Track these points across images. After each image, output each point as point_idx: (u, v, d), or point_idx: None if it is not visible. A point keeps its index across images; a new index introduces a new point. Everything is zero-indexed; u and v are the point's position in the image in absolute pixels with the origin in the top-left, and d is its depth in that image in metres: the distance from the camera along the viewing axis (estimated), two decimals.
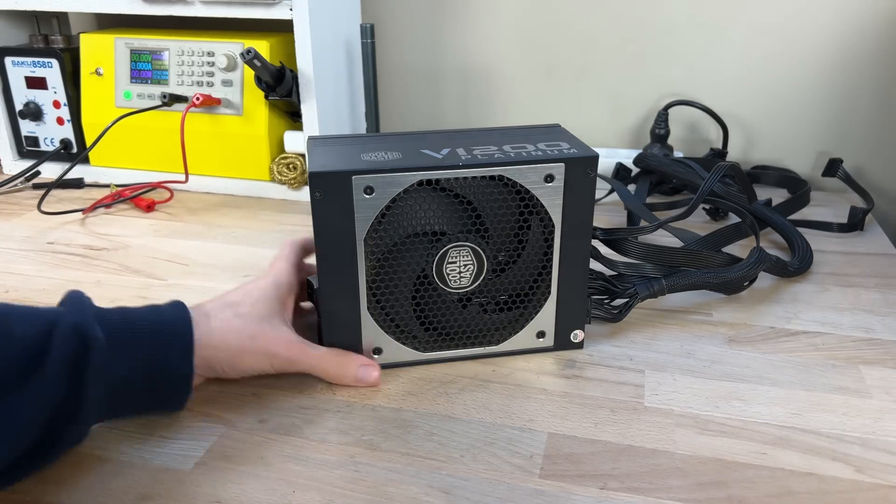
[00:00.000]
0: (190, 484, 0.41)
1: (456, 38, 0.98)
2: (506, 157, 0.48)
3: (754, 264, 0.60)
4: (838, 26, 0.86)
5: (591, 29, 0.93)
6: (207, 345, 0.45)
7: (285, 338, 0.48)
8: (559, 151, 0.49)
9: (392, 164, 0.46)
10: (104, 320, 0.41)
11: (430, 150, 0.49)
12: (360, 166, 0.46)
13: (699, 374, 0.51)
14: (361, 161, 0.47)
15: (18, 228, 0.78)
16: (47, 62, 0.89)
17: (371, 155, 0.48)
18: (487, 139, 0.52)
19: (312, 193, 0.45)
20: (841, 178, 0.82)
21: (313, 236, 0.47)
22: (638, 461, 0.43)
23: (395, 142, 0.51)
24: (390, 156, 0.48)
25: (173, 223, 0.80)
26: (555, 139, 0.52)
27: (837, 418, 0.47)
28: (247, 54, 0.75)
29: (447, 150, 0.49)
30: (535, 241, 0.50)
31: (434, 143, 0.50)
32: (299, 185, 0.86)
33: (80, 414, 0.39)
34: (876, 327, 0.58)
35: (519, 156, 0.48)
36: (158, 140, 0.88)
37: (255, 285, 0.50)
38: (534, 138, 0.52)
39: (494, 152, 0.48)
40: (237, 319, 0.47)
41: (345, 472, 0.42)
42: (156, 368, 0.42)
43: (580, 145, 0.50)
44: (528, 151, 0.49)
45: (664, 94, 0.93)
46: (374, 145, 0.50)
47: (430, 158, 0.48)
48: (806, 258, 0.67)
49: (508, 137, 0.52)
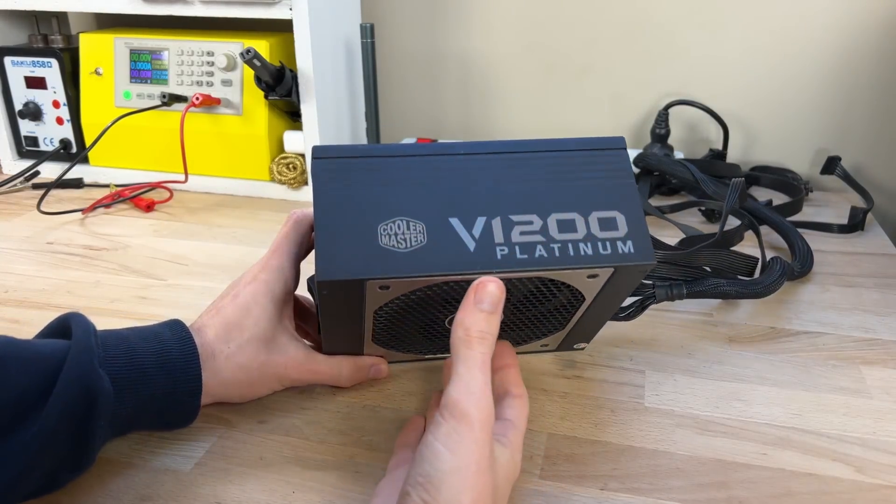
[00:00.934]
0: (190, 484, 0.41)
1: (456, 38, 0.98)
2: (549, 253, 0.38)
3: (780, 276, 0.59)
4: (839, 26, 0.86)
5: (592, 28, 0.93)
6: (216, 385, 0.43)
7: (294, 359, 0.46)
8: (613, 249, 0.39)
9: (414, 259, 0.38)
10: (110, 366, 0.39)
11: (461, 223, 0.39)
12: (375, 264, 0.37)
13: (699, 375, 0.51)
14: (377, 249, 0.38)
15: (18, 228, 0.78)
16: (47, 62, 0.89)
17: (390, 230, 0.38)
18: (530, 196, 0.40)
19: (319, 291, 0.38)
20: (839, 175, 0.82)
21: (315, 302, 0.43)
22: (638, 462, 0.43)
23: (416, 190, 0.39)
24: (412, 235, 0.38)
25: (173, 223, 0.80)
26: (613, 207, 0.40)
27: (838, 419, 0.47)
28: (246, 54, 0.75)
29: (482, 225, 0.39)
30: (557, 306, 0.45)
31: (466, 200, 0.39)
32: (299, 184, 0.86)
33: (84, 460, 0.38)
34: (876, 327, 0.58)
35: (564, 252, 0.39)
36: (158, 140, 0.88)
37: (252, 297, 0.45)
38: (589, 200, 0.40)
39: (537, 240, 0.39)
40: (241, 353, 0.44)
41: (345, 472, 0.42)
42: (163, 407, 0.41)
43: (640, 232, 0.40)
44: (577, 243, 0.39)
45: (664, 94, 0.93)
46: (392, 202, 0.39)
47: (460, 250, 0.38)
48: (807, 260, 0.67)
49: (557, 192, 0.40)
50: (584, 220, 0.39)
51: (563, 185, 0.40)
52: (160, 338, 0.42)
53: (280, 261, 0.46)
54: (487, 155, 0.41)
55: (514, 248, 0.38)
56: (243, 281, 0.46)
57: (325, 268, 0.37)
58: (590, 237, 0.39)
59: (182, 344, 0.42)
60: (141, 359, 0.40)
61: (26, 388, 0.36)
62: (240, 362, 0.44)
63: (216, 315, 0.45)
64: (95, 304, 0.61)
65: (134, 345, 0.40)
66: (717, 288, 0.57)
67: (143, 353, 0.40)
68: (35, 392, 0.36)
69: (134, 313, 0.60)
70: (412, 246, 0.38)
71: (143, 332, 0.42)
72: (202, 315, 0.45)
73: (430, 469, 0.32)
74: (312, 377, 0.47)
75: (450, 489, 0.31)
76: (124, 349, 0.40)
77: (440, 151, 0.40)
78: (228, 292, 0.46)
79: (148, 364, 0.40)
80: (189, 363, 0.41)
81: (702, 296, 0.57)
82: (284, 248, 0.46)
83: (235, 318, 0.44)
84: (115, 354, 0.39)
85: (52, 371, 0.37)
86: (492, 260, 0.38)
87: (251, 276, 0.46)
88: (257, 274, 0.46)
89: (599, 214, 0.40)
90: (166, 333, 0.42)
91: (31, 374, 0.36)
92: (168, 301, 0.62)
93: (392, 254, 0.37)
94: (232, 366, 0.44)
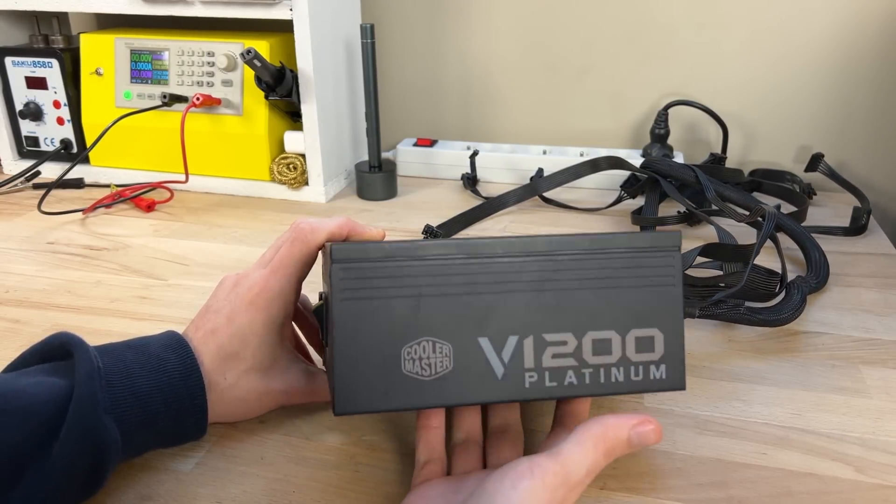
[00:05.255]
0: (190, 484, 0.41)
1: (456, 37, 0.98)
2: (579, 381, 0.37)
3: (800, 305, 0.57)
4: (839, 26, 0.86)
5: (592, 28, 0.93)
6: (213, 414, 0.42)
7: (293, 386, 0.44)
8: (645, 374, 0.38)
9: (438, 389, 0.36)
10: (116, 409, 0.37)
11: (491, 344, 0.36)
12: (397, 396, 0.36)
13: (699, 374, 0.51)
14: (399, 377, 0.36)
15: (18, 228, 0.78)
16: (47, 62, 0.89)
17: (414, 353, 0.36)
18: (568, 308, 0.37)
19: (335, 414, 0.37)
20: (824, 173, 0.82)
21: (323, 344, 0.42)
22: (638, 461, 0.43)
23: (445, 304, 0.36)
24: (437, 359, 0.36)
25: (173, 223, 0.80)
26: (653, 324, 0.38)
27: (837, 418, 0.47)
28: (247, 54, 0.75)
29: (513, 347, 0.36)
30: None
31: (498, 316, 0.37)
32: (299, 185, 0.86)
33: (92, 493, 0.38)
34: (876, 327, 0.58)
35: (594, 380, 0.37)
36: (158, 140, 0.88)
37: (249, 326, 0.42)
38: (630, 314, 0.38)
39: (569, 365, 0.37)
40: (239, 386, 0.42)
41: (345, 472, 0.42)
42: (167, 438, 0.41)
43: (675, 356, 0.38)
44: (609, 368, 0.37)
45: (664, 94, 0.93)
46: (418, 319, 0.36)
47: (487, 377, 0.36)
48: (822, 272, 0.64)
49: (597, 303, 0.37)
50: (620, 340, 0.37)
51: (607, 293, 0.37)
52: (164, 367, 0.39)
53: (281, 284, 0.42)
54: (528, 258, 0.37)
55: (544, 374, 0.37)
56: (240, 299, 0.42)
57: (344, 401, 0.35)
58: (623, 361, 0.37)
59: (187, 376, 0.40)
60: (147, 398, 0.38)
61: (21, 444, 0.34)
62: (238, 395, 0.42)
63: (211, 338, 0.42)
64: (96, 304, 0.61)
65: (139, 381, 0.38)
66: (732, 313, 0.55)
67: (148, 390, 0.38)
68: (31, 447, 0.34)
69: (134, 313, 0.60)
70: (437, 373, 0.36)
71: (147, 362, 0.39)
72: (197, 328, 0.43)
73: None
74: (313, 398, 0.46)
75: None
76: (129, 387, 0.38)
77: (474, 253, 0.37)
78: (223, 306, 0.42)
79: (155, 403, 0.38)
80: (195, 398, 0.40)
81: (714, 318, 0.55)
82: (287, 269, 0.43)
83: (232, 348, 0.41)
84: (120, 396, 0.37)
85: (50, 423, 0.35)
86: (520, 389, 0.36)
87: (248, 297, 0.42)
88: (255, 298, 0.42)
89: (638, 333, 0.38)
90: (171, 361, 0.40)
91: (27, 430, 0.34)
92: (168, 301, 0.62)
93: (415, 382, 0.36)
94: (230, 399, 0.42)
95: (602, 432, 0.35)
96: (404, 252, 0.36)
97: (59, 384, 0.36)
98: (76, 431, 0.35)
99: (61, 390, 0.36)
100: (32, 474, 0.34)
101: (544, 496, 0.32)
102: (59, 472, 0.34)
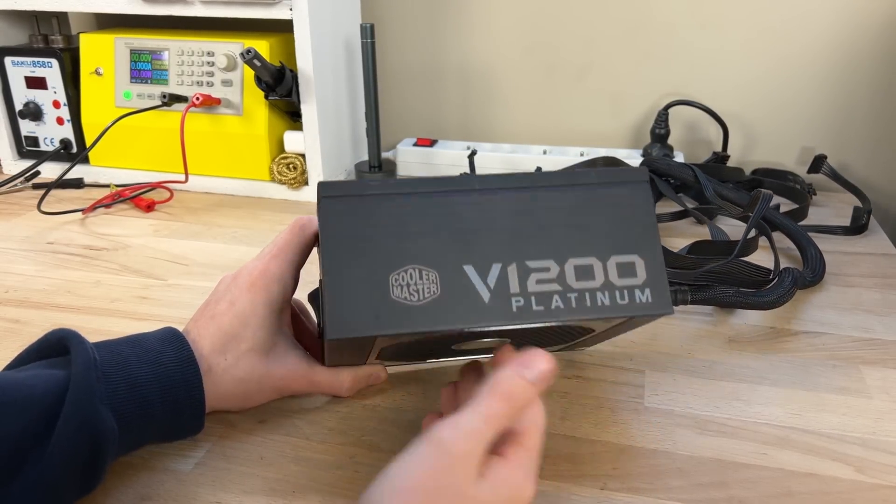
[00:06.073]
0: (190, 484, 0.41)
1: (456, 37, 0.98)
2: (565, 304, 0.37)
3: (789, 290, 0.58)
4: (839, 26, 0.86)
5: (592, 28, 0.93)
6: (213, 399, 0.42)
7: (293, 371, 0.45)
8: (630, 298, 0.38)
9: (427, 313, 0.36)
10: (113, 400, 0.37)
11: (476, 271, 0.37)
12: (387, 320, 0.36)
13: (699, 375, 0.51)
14: (388, 303, 0.36)
15: (18, 228, 0.78)
16: (47, 62, 0.89)
17: (402, 280, 0.37)
18: (548, 237, 0.38)
19: (327, 343, 0.38)
20: (827, 174, 0.82)
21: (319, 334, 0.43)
22: (638, 461, 0.43)
23: (430, 233, 0.38)
24: (425, 286, 0.37)
25: (173, 223, 0.80)
26: (632, 251, 0.38)
27: (837, 418, 0.47)
28: (247, 54, 0.75)
29: (497, 273, 0.37)
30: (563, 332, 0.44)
31: (481, 244, 0.38)
32: (299, 184, 0.86)
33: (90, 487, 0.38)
34: (876, 327, 0.58)
35: (580, 303, 0.37)
36: (158, 140, 0.88)
37: (250, 306, 0.43)
38: (608, 241, 0.39)
39: (554, 290, 0.37)
40: (239, 366, 0.43)
41: (345, 472, 0.42)
42: (165, 431, 0.41)
43: (659, 279, 0.38)
44: (594, 292, 0.38)
45: (664, 94, 0.93)
46: (404, 248, 0.37)
47: (474, 302, 0.37)
48: (818, 268, 0.65)
49: (575, 232, 0.38)
50: (602, 266, 0.38)
51: (583, 223, 0.39)
52: (161, 360, 0.40)
53: (281, 268, 0.44)
54: (504, 191, 0.39)
55: (531, 298, 0.37)
56: (240, 284, 0.44)
57: (335, 325, 0.36)
58: (607, 285, 0.38)
59: (184, 368, 0.40)
60: (143, 389, 0.39)
61: (21, 435, 0.34)
62: (238, 376, 0.43)
63: (211, 322, 0.43)
64: (95, 304, 0.61)
65: (135, 372, 0.39)
66: (724, 297, 0.56)
67: (145, 381, 0.39)
68: (30, 437, 0.35)
69: (134, 313, 0.60)
70: (425, 298, 0.36)
71: (144, 354, 0.40)
72: (196, 320, 0.44)
73: (381, 475, 0.32)
74: (312, 388, 0.47)
75: (381, 494, 0.31)
76: (125, 378, 0.38)
77: (455, 187, 0.38)
78: (223, 296, 0.44)
79: (151, 394, 0.39)
80: (192, 390, 0.40)
81: (707, 303, 0.57)
82: (287, 254, 0.44)
83: (233, 329, 0.43)
84: (116, 387, 0.38)
85: (48, 413, 0.35)
86: (507, 313, 0.37)
87: (249, 280, 0.43)
88: (256, 280, 0.43)
89: (618, 259, 0.38)
90: (168, 354, 0.40)
91: (25, 421, 0.35)
92: (168, 301, 0.62)
93: (404, 307, 0.36)
94: (229, 379, 0.43)
95: (494, 379, 0.34)
96: (387, 188, 0.38)
97: (56, 375, 0.37)
98: (73, 422, 0.35)
99: (59, 381, 0.36)
100: (32, 466, 0.34)
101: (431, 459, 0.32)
102: (57, 462, 0.35)
